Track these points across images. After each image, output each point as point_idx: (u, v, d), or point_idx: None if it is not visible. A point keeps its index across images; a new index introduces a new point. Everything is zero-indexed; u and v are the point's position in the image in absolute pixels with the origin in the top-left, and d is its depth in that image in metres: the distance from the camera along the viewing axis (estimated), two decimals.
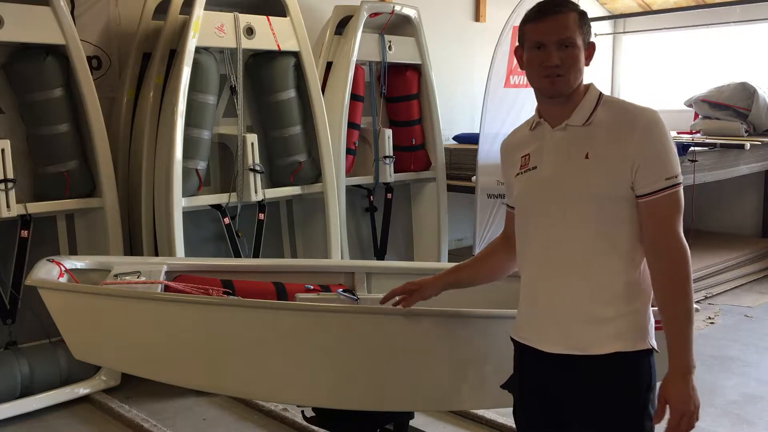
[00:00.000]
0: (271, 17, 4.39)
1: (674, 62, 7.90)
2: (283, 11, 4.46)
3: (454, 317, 2.45)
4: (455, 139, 6.30)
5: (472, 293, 2.44)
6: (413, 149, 5.49)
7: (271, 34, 4.38)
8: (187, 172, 4.08)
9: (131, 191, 4.35)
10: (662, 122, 1.85)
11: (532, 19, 1.91)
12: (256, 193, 4.35)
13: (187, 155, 4.07)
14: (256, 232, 4.49)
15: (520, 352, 2.04)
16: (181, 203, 4.01)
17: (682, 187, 1.85)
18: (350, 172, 5.12)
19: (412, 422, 2.77)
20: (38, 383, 3.80)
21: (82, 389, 3.92)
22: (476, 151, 5.35)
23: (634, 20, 8.19)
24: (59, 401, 3.84)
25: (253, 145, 4.33)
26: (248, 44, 4.30)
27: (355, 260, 4.92)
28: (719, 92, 6.64)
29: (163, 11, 4.35)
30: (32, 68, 3.80)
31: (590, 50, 1.93)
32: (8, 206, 3.66)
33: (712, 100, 6.64)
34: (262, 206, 4.48)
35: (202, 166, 4.22)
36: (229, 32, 4.21)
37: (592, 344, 1.87)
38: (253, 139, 4.34)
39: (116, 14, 4.60)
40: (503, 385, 2.13)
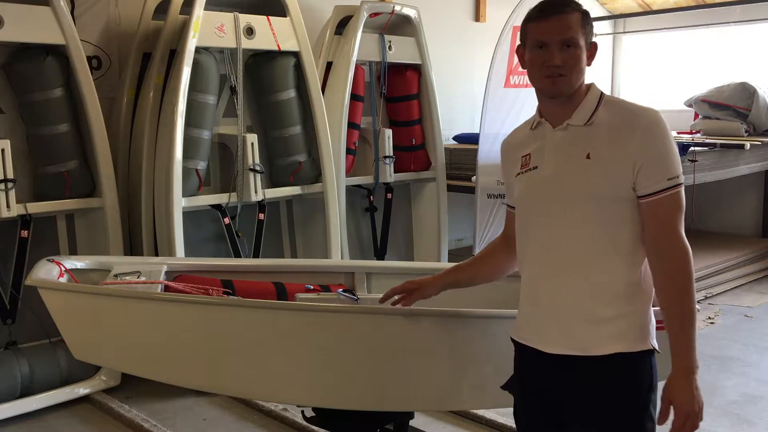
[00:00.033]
0: (271, 17, 4.39)
1: (674, 62, 7.89)
2: (283, 11, 4.46)
3: (454, 317, 2.45)
4: (455, 139, 6.30)
5: (472, 293, 2.44)
6: (413, 149, 5.49)
7: (271, 34, 4.38)
8: (187, 172, 4.08)
9: (131, 191, 4.35)
10: (664, 122, 1.85)
11: (534, 18, 1.90)
12: (256, 193, 4.35)
13: (187, 155, 4.07)
14: (256, 232, 4.49)
15: (520, 352, 2.03)
16: (181, 203, 4.01)
17: (683, 187, 1.85)
18: (350, 172, 5.12)
19: (412, 422, 2.77)
20: (38, 383, 3.80)
21: (82, 389, 3.92)
22: (476, 151, 5.35)
23: (634, 20, 8.19)
24: (59, 401, 3.83)
25: (253, 145, 4.33)
26: (248, 44, 4.30)
27: (355, 260, 4.92)
28: (719, 92, 6.64)
29: (163, 11, 4.35)
30: (32, 68, 3.80)
31: (592, 50, 1.92)
32: (8, 206, 3.66)
33: (712, 100, 6.64)
34: (262, 206, 4.48)
35: (202, 166, 4.22)
36: (229, 32, 4.21)
37: (593, 345, 1.86)
38: (253, 139, 4.34)
39: (116, 14, 4.60)
40: (503, 386, 2.13)
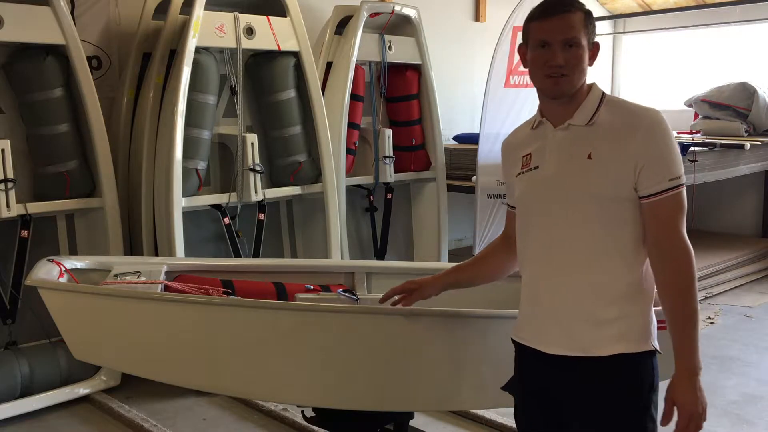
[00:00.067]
0: (271, 17, 4.39)
1: (674, 62, 7.89)
2: (283, 11, 4.46)
3: (454, 317, 2.45)
4: (455, 139, 6.30)
5: (472, 293, 2.44)
6: (413, 149, 5.49)
7: (271, 34, 4.38)
8: (187, 172, 4.08)
9: (131, 191, 4.35)
10: (665, 122, 1.84)
11: (537, 17, 1.89)
12: (256, 193, 4.35)
13: (187, 155, 4.07)
14: (256, 232, 4.49)
15: (520, 353, 2.03)
16: (181, 203, 4.01)
17: (685, 187, 1.84)
18: (350, 172, 5.12)
19: (412, 422, 2.77)
20: (38, 383, 3.80)
21: (82, 389, 3.92)
22: (476, 151, 5.35)
23: (634, 20, 8.19)
24: (59, 401, 3.83)
25: (253, 145, 4.32)
26: (248, 44, 4.30)
27: (355, 260, 4.92)
28: (719, 92, 6.64)
29: (163, 11, 4.35)
30: (32, 68, 3.80)
31: (594, 50, 1.91)
32: (8, 206, 3.66)
33: (712, 100, 6.64)
34: (262, 206, 4.48)
35: (202, 166, 4.22)
36: (229, 32, 4.21)
37: (594, 345, 1.85)
38: (253, 139, 4.34)
39: (116, 14, 4.60)
40: (504, 386, 2.12)
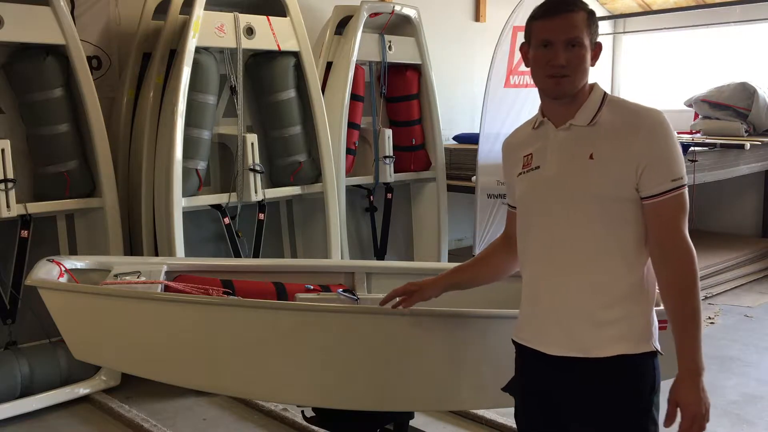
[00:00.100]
0: (271, 17, 4.39)
1: (674, 62, 7.89)
2: (283, 11, 4.46)
3: (454, 317, 2.45)
4: (455, 139, 6.30)
5: (472, 293, 2.43)
6: (413, 149, 5.49)
7: (271, 34, 4.38)
8: (187, 172, 4.08)
9: (131, 191, 4.35)
10: (667, 123, 1.83)
11: (539, 16, 1.88)
12: (256, 193, 4.35)
13: (187, 155, 4.07)
14: (256, 232, 4.49)
15: (521, 353, 2.02)
16: (181, 203, 4.01)
17: (687, 188, 1.84)
18: (350, 172, 5.12)
19: (412, 422, 2.77)
20: (38, 383, 3.80)
21: (82, 389, 3.92)
22: (476, 151, 5.35)
23: (634, 20, 8.19)
24: (59, 401, 3.83)
25: (253, 145, 4.32)
26: (248, 44, 4.30)
27: (355, 260, 4.92)
28: (719, 92, 6.64)
29: (163, 11, 4.35)
30: (32, 68, 3.80)
31: (597, 50, 1.90)
32: (8, 206, 3.66)
33: (712, 100, 6.64)
34: (262, 206, 4.48)
35: (202, 166, 4.22)
36: (229, 32, 4.21)
37: (594, 346, 1.85)
38: (253, 139, 4.34)
39: (116, 14, 4.60)
40: (504, 387, 2.11)
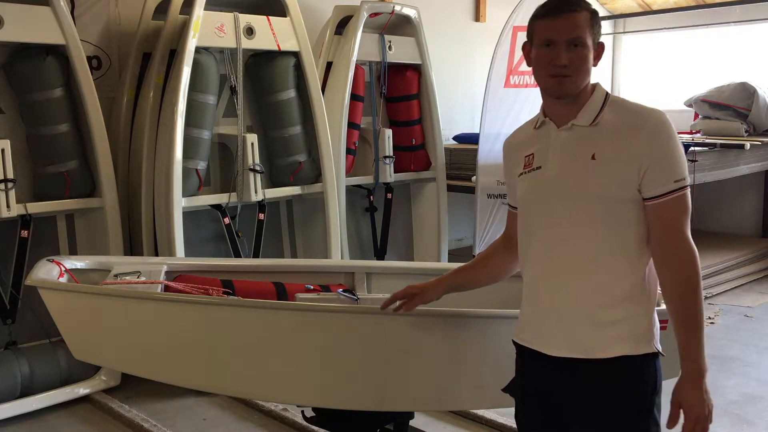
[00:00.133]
0: (271, 17, 4.39)
1: (674, 62, 7.89)
2: (283, 11, 4.46)
3: (454, 317, 2.45)
4: (455, 139, 6.30)
5: (472, 293, 2.43)
6: (413, 149, 5.49)
7: (271, 34, 4.38)
8: (187, 172, 4.08)
9: (131, 191, 4.35)
10: (670, 123, 1.82)
11: (542, 15, 1.87)
12: (256, 193, 4.35)
13: (187, 155, 4.07)
14: (256, 232, 4.49)
15: (521, 354, 2.01)
16: (181, 203, 4.01)
17: (689, 189, 1.83)
18: (350, 172, 5.12)
19: (412, 422, 2.77)
20: (38, 383, 3.79)
21: (82, 389, 3.92)
22: (476, 151, 5.35)
23: (634, 20, 8.19)
24: (59, 401, 3.83)
25: (253, 145, 4.32)
26: (248, 44, 4.30)
27: (355, 260, 4.92)
28: (719, 92, 6.64)
29: (163, 11, 4.35)
30: (32, 68, 3.80)
31: (599, 51, 1.89)
32: (8, 206, 3.66)
33: (712, 100, 6.64)
34: (262, 206, 4.48)
35: (202, 166, 4.22)
36: (229, 32, 4.21)
37: (596, 348, 1.84)
38: (253, 139, 4.34)
39: (116, 14, 4.60)
40: (505, 388, 2.10)
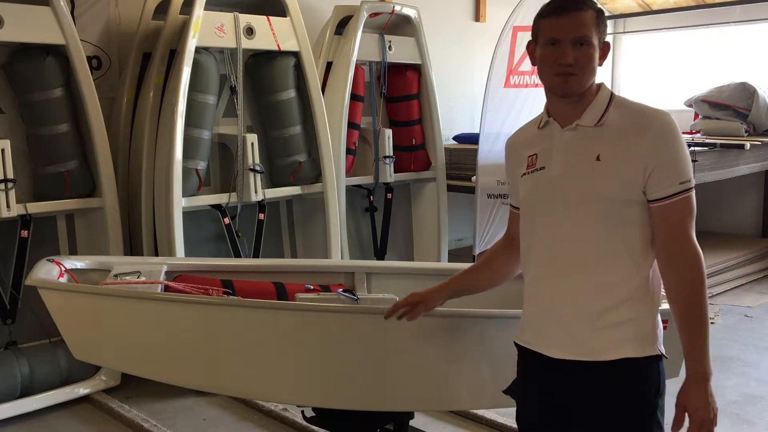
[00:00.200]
0: (271, 17, 4.39)
1: (674, 62, 7.89)
2: (283, 11, 4.46)
3: (454, 317, 2.45)
4: (455, 139, 6.30)
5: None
6: (413, 149, 5.49)
7: (271, 34, 4.38)
8: (187, 172, 4.08)
9: (131, 191, 4.35)
10: (675, 125, 1.81)
11: (548, 14, 1.86)
12: (256, 193, 4.35)
13: (187, 155, 4.07)
14: (256, 232, 4.49)
15: (522, 356, 2.00)
16: (181, 203, 4.01)
17: (694, 191, 1.82)
18: (350, 172, 5.12)
19: (412, 422, 2.77)
20: (38, 383, 3.79)
21: (82, 389, 3.91)
22: (476, 151, 5.35)
23: (634, 20, 8.18)
24: (59, 401, 3.83)
25: (253, 145, 4.32)
26: (248, 44, 4.30)
27: (355, 260, 4.92)
28: (719, 92, 6.64)
29: (163, 11, 4.35)
30: (32, 68, 3.80)
31: (605, 50, 1.88)
32: (8, 206, 3.66)
33: (712, 100, 6.64)
34: (262, 206, 4.48)
35: (202, 166, 4.22)
36: (229, 32, 4.21)
37: (599, 350, 1.83)
38: (253, 139, 4.34)
39: (116, 14, 4.60)
40: (506, 390, 2.09)
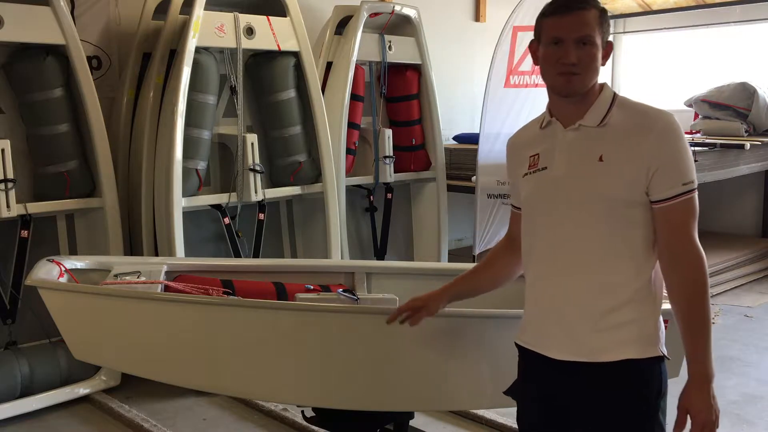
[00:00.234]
0: (271, 17, 4.39)
1: (674, 62, 7.88)
2: (283, 11, 4.46)
3: (454, 317, 2.45)
4: (455, 139, 6.30)
5: None
6: (413, 149, 5.49)
7: (271, 34, 4.38)
8: (187, 172, 4.08)
9: (131, 191, 4.35)
10: (678, 125, 1.81)
11: (551, 13, 1.85)
12: (256, 193, 4.35)
13: (187, 155, 4.07)
14: (256, 232, 4.49)
15: (523, 356, 1.99)
16: (181, 203, 4.01)
17: (697, 192, 1.81)
18: (350, 172, 5.12)
19: (412, 422, 2.77)
20: (38, 383, 3.79)
21: (82, 389, 3.91)
22: (476, 151, 5.35)
23: (634, 20, 8.18)
24: (59, 401, 3.83)
25: (253, 145, 4.32)
26: (248, 44, 4.30)
27: (355, 260, 4.92)
28: (719, 92, 6.64)
29: (163, 11, 4.35)
30: (32, 68, 3.80)
31: (608, 49, 1.87)
32: (8, 206, 3.66)
33: (712, 100, 6.64)
34: (262, 206, 4.48)
35: (202, 166, 4.22)
36: (229, 32, 4.21)
37: (600, 351, 1.82)
38: (253, 139, 4.34)
39: (116, 14, 4.60)
40: (506, 391, 2.08)
